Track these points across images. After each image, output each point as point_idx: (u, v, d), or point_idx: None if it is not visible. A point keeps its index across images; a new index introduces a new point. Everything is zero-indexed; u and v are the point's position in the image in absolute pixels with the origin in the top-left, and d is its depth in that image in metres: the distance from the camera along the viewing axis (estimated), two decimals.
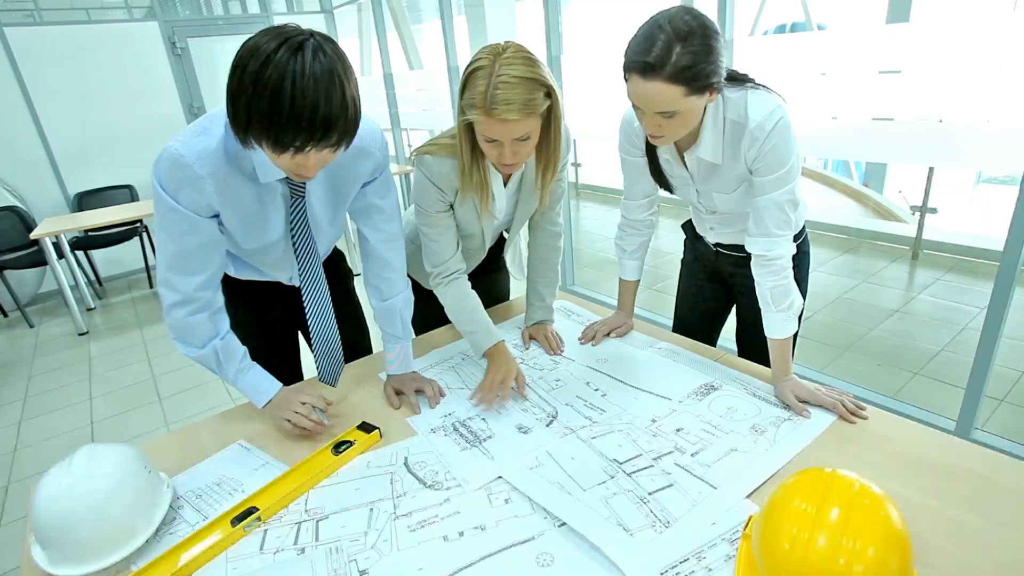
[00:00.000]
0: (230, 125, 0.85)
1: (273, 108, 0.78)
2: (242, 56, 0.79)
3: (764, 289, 1.13)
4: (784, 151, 1.04)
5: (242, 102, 0.79)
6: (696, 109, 0.99)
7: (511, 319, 1.56)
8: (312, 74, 0.78)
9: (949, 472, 0.90)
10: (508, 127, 1.03)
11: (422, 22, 7.27)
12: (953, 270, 3.57)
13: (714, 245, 1.37)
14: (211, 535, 0.89)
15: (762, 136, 1.03)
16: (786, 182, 1.06)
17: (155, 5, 4.62)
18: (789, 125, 1.03)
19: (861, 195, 5.28)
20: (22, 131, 4.23)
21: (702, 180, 1.19)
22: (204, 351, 1.09)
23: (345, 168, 1.09)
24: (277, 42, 0.78)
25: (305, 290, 1.16)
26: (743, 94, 1.05)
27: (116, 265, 4.79)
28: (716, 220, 1.31)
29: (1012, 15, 1.77)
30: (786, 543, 0.67)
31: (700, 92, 0.95)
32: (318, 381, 1.27)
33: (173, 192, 0.94)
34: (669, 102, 0.95)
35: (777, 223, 1.09)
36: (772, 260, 1.10)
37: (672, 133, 1.04)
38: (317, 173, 0.91)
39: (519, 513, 0.90)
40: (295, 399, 1.13)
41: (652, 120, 1.00)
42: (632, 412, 1.12)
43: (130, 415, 2.80)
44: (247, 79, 0.78)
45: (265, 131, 0.80)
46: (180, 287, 1.02)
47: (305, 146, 0.82)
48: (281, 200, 1.06)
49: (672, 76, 0.92)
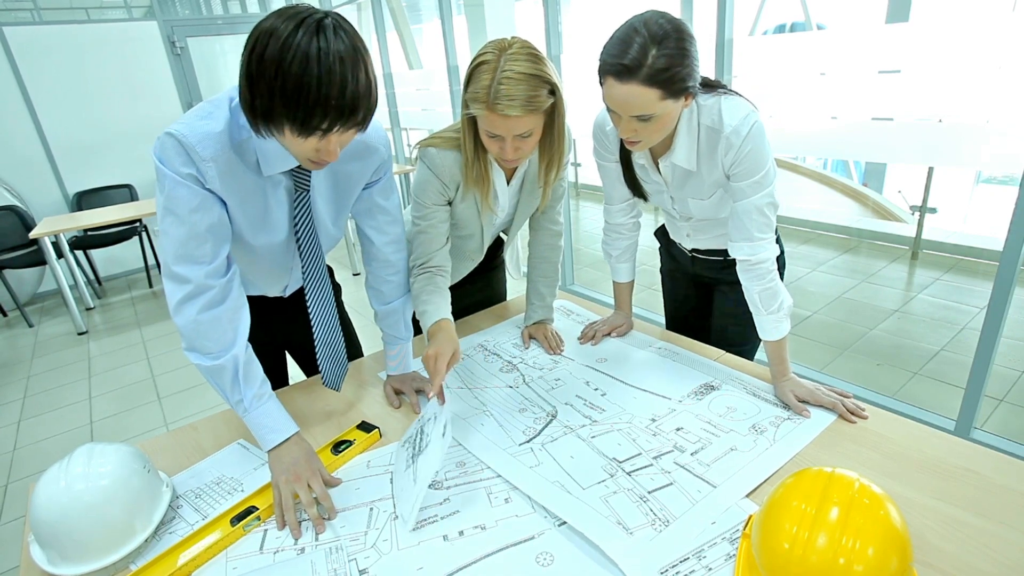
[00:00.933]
0: (246, 113, 0.82)
1: (299, 90, 0.76)
2: (258, 39, 0.77)
3: (752, 294, 1.13)
4: (761, 155, 1.04)
5: (262, 87, 0.76)
6: (671, 113, 0.99)
7: (510, 319, 1.56)
8: (336, 53, 0.76)
9: (948, 472, 0.90)
10: (510, 123, 1.03)
11: (421, 22, 7.28)
12: (952, 270, 3.57)
13: (690, 251, 1.37)
14: (210, 534, 0.89)
15: (738, 141, 1.03)
16: (764, 186, 1.07)
17: (154, 4, 4.62)
18: (763, 129, 1.04)
19: (861, 195, 5.27)
20: (21, 130, 4.22)
21: (677, 187, 1.19)
22: (220, 362, 0.95)
23: (349, 165, 1.06)
24: (294, 23, 0.76)
25: (309, 289, 1.11)
26: (716, 100, 1.06)
27: (115, 264, 4.79)
28: (691, 227, 1.31)
29: (1011, 15, 1.77)
30: (786, 542, 0.67)
31: (676, 96, 0.95)
32: (323, 386, 1.23)
33: (177, 169, 0.88)
34: (645, 105, 0.95)
35: (758, 227, 1.09)
36: (756, 264, 1.11)
37: (648, 138, 1.03)
38: (338, 156, 0.88)
39: (519, 512, 0.90)
40: (306, 475, 0.94)
41: (628, 124, 1.00)
42: (632, 411, 1.11)
43: (129, 414, 2.80)
44: (268, 62, 0.75)
45: (291, 114, 0.78)
46: (190, 276, 0.92)
47: (332, 128, 0.80)
48: (285, 194, 1.02)
49: (648, 78, 0.92)
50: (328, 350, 1.18)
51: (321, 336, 1.16)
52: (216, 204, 0.93)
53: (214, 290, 0.94)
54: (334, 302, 1.17)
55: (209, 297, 0.94)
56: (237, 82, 0.94)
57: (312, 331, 1.15)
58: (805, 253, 4.05)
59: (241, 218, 0.99)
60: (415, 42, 6.30)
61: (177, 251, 0.91)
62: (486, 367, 1.33)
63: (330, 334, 1.17)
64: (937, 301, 3.23)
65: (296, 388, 1.32)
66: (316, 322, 1.14)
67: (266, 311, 1.25)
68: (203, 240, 0.92)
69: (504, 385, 1.25)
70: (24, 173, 4.30)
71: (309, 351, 1.40)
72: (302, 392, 1.30)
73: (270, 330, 1.29)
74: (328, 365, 1.19)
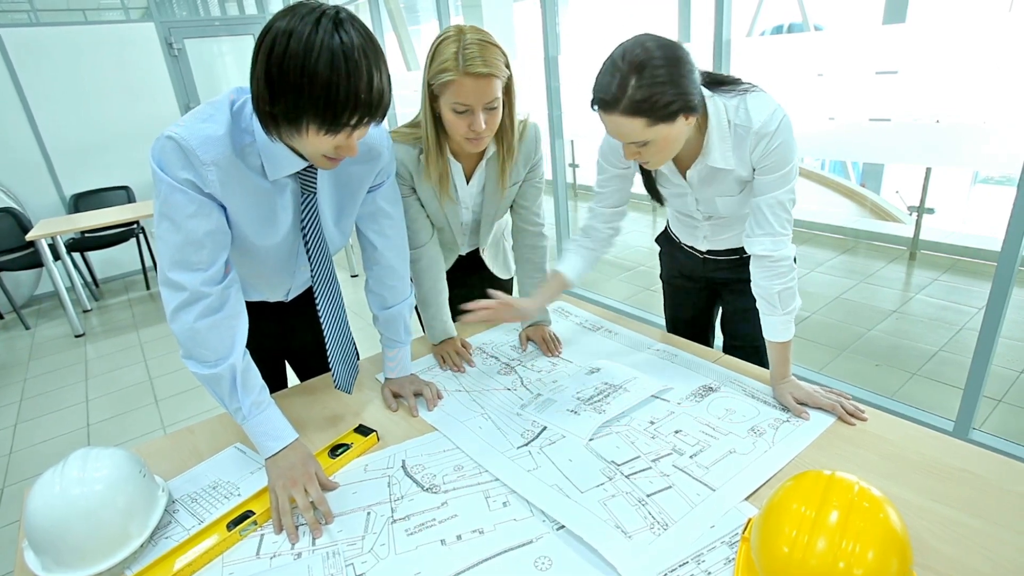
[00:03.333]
0: (263, 118, 0.81)
1: (328, 88, 0.75)
2: (275, 41, 0.75)
3: (772, 292, 1.10)
4: (789, 149, 1.05)
5: (287, 88, 0.75)
6: (671, 135, 0.99)
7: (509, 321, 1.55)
8: (360, 47, 0.76)
9: (947, 473, 0.90)
10: (481, 86, 1.06)
11: (419, 23, 7.28)
12: (950, 270, 3.58)
13: (704, 253, 1.37)
14: (207, 539, 0.89)
15: (768, 135, 1.04)
16: (789, 179, 1.07)
17: (152, 6, 4.61)
18: (791, 124, 1.05)
19: (858, 195, 5.28)
20: (18, 132, 4.21)
21: (702, 187, 1.19)
22: (218, 370, 0.93)
23: (353, 168, 1.05)
24: (312, 20, 0.75)
25: (318, 291, 1.09)
26: (741, 98, 1.06)
27: (113, 267, 4.78)
28: (710, 227, 1.30)
29: (1008, 16, 1.77)
30: (785, 546, 0.66)
31: (665, 120, 0.95)
32: (333, 389, 1.23)
33: (175, 174, 0.87)
34: (633, 133, 0.97)
35: (781, 222, 1.09)
36: (778, 261, 1.09)
37: (653, 158, 1.04)
38: (356, 151, 0.88)
39: (517, 516, 0.89)
40: (303, 480, 0.94)
41: (628, 149, 1.03)
42: (630, 414, 1.11)
43: (126, 418, 2.79)
44: (291, 63, 0.74)
45: (319, 113, 0.77)
46: (186, 282, 0.90)
47: (360, 122, 0.80)
48: (291, 197, 1.00)
49: (629, 109, 0.94)
50: (339, 352, 1.16)
51: (332, 338, 1.14)
52: (214, 210, 0.92)
53: (211, 297, 0.92)
54: (343, 304, 1.15)
55: (206, 304, 0.92)
56: (235, 85, 0.93)
57: (323, 333, 1.13)
58: (803, 254, 4.05)
59: (245, 222, 0.97)
60: (413, 43, 6.30)
61: (173, 257, 0.90)
62: (484, 369, 1.33)
63: (341, 336, 1.16)
64: (935, 301, 3.23)
65: (293, 391, 1.32)
66: (326, 324, 1.13)
67: (266, 317, 1.23)
68: (200, 246, 0.90)
69: (502, 388, 1.25)
70: (21, 175, 4.28)
71: (307, 358, 1.40)
72: (299, 395, 1.29)
73: (269, 336, 1.27)
74: (340, 367, 1.18)
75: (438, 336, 1.40)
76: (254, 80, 0.79)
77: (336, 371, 1.17)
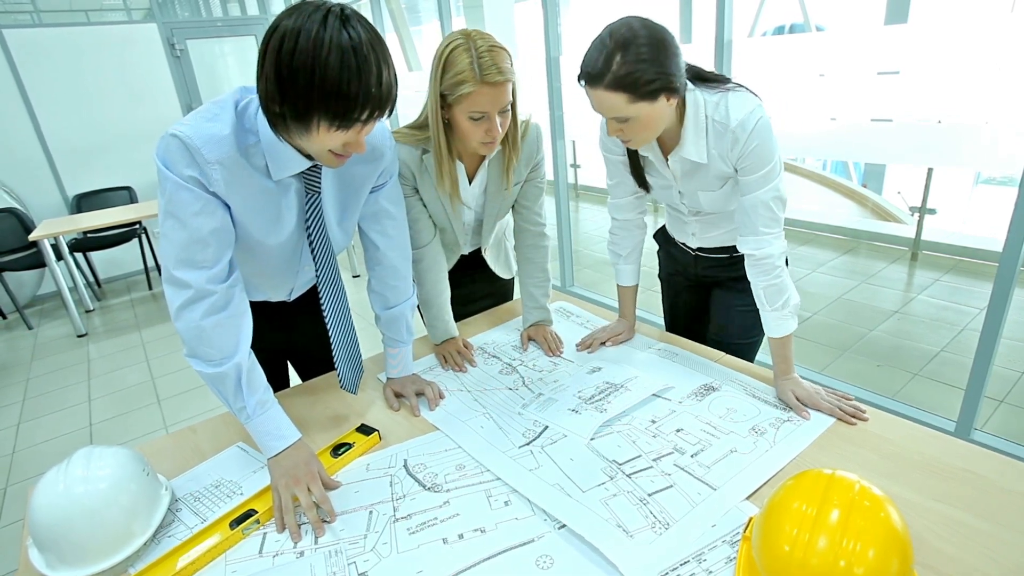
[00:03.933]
0: (271, 117, 0.81)
1: (339, 84, 0.75)
2: (284, 39, 0.75)
3: (758, 289, 1.14)
4: (767, 149, 1.05)
5: (297, 86, 0.75)
6: (652, 114, 1.01)
7: (511, 321, 1.56)
8: (368, 43, 0.77)
9: (949, 473, 0.90)
10: (497, 92, 1.08)
11: (421, 23, 7.28)
12: (952, 271, 3.57)
13: (695, 250, 1.37)
14: (209, 538, 0.89)
15: (744, 135, 1.04)
16: (770, 179, 1.08)
17: (154, 7, 4.63)
18: (769, 124, 1.05)
19: (860, 196, 5.28)
20: (21, 133, 4.22)
21: (685, 180, 1.20)
22: (223, 369, 0.93)
23: (356, 168, 1.05)
24: (319, 17, 0.75)
25: (323, 291, 1.09)
26: (723, 95, 1.07)
27: (115, 267, 4.79)
28: (699, 223, 1.31)
29: (1010, 16, 1.77)
30: (786, 545, 0.67)
31: (647, 98, 0.98)
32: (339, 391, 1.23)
33: (180, 172, 0.87)
34: (615, 108, 1.00)
35: (764, 221, 1.10)
36: (762, 259, 1.11)
37: (634, 136, 1.06)
38: (364, 147, 0.88)
39: (519, 515, 0.89)
40: (305, 479, 0.94)
41: (610, 125, 1.05)
42: (631, 413, 1.11)
43: (129, 417, 2.79)
44: (301, 60, 0.74)
45: (330, 109, 0.78)
46: (191, 280, 0.90)
47: (371, 117, 0.81)
48: (295, 197, 1.00)
49: (612, 84, 0.97)
50: (344, 352, 1.16)
51: (337, 338, 1.14)
52: (219, 208, 0.92)
53: (215, 295, 0.92)
54: (348, 303, 1.15)
55: (211, 303, 0.92)
56: (238, 86, 0.93)
57: (326, 333, 1.13)
58: (805, 254, 4.05)
59: (249, 222, 0.97)
60: (414, 43, 6.31)
61: (178, 255, 0.90)
62: (486, 369, 1.33)
63: (346, 335, 1.15)
64: (937, 302, 3.23)
65: (295, 391, 1.32)
66: (331, 324, 1.12)
67: (268, 317, 1.23)
68: (205, 244, 0.91)
69: (504, 387, 1.25)
70: (23, 175, 4.29)
71: (309, 357, 1.40)
72: (301, 395, 1.29)
73: (272, 336, 1.27)
74: (345, 367, 1.17)
75: (440, 336, 1.40)
76: (262, 79, 0.79)
77: (341, 371, 1.17)
